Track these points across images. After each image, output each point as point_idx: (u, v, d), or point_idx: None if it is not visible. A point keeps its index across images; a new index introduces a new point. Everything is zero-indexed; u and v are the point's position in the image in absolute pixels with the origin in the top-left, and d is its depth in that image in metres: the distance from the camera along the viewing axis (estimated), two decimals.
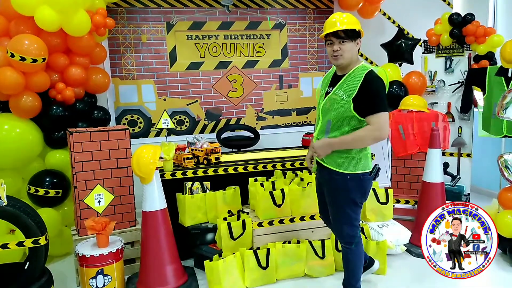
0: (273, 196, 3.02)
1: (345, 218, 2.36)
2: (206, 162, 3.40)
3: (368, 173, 2.32)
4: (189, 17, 4.31)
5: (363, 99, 2.14)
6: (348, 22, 2.17)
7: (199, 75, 4.42)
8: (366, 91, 2.14)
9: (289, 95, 4.79)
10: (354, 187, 2.28)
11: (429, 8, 4.95)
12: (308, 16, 4.73)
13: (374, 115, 2.14)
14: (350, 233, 2.39)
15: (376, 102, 2.14)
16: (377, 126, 2.13)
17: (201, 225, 3.16)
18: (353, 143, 2.20)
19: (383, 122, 2.13)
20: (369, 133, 2.15)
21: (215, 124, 4.54)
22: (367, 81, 2.14)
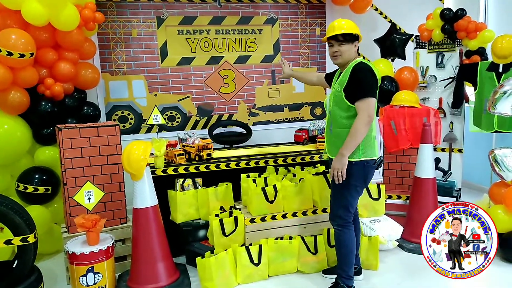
0: (265, 192, 3.01)
1: (344, 202, 2.54)
2: (198, 159, 3.38)
3: (373, 161, 2.51)
4: (180, 11, 4.26)
5: (351, 87, 2.41)
6: (347, 27, 2.49)
7: (190, 71, 4.38)
8: (354, 79, 2.40)
9: (281, 91, 4.77)
10: (357, 173, 2.46)
11: (421, 3, 4.95)
12: (300, 11, 4.70)
13: (360, 101, 2.36)
14: (344, 216, 2.56)
15: (361, 88, 2.37)
16: (365, 113, 2.35)
17: (192, 221, 3.14)
18: (354, 139, 2.37)
19: (367, 107, 2.35)
20: (360, 121, 2.35)
21: (207, 120, 4.50)
22: (354, 70, 2.43)
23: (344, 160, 2.40)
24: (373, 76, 2.41)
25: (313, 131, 4.08)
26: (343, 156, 2.40)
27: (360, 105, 2.36)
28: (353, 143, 2.37)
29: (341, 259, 2.62)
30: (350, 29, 2.49)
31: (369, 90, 2.37)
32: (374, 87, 2.40)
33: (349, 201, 2.55)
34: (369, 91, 2.37)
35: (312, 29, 4.77)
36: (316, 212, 3.14)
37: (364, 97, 2.35)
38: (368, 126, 2.36)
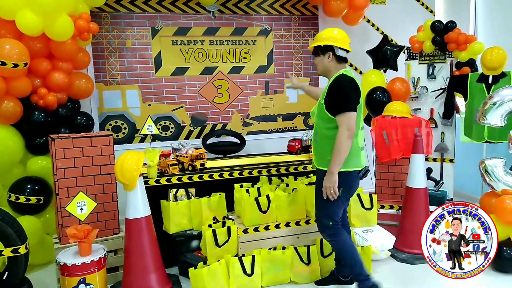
0: (258, 202, 3.01)
1: (329, 212, 2.59)
2: (191, 168, 3.38)
3: (357, 171, 2.53)
4: (174, 22, 4.29)
5: (330, 100, 2.46)
6: (315, 39, 2.59)
7: (184, 81, 4.40)
8: (332, 92, 2.46)
9: (274, 101, 4.80)
10: (340, 183, 2.46)
11: (412, 16, 5.04)
12: (293, 22, 4.75)
13: (340, 115, 2.41)
14: (331, 225, 2.61)
15: (340, 102, 2.42)
16: (345, 126, 2.38)
17: (185, 232, 3.13)
18: (339, 154, 2.40)
19: (347, 120, 2.38)
20: (341, 136, 2.39)
21: (201, 129, 4.52)
22: (333, 83, 2.48)
23: (333, 177, 2.43)
24: (353, 89, 2.44)
25: (306, 141, 4.10)
26: (332, 174, 2.43)
27: (339, 119, 2.40)
28: (339, 159, 2.40)
29: (349, 264, 2.65)
30: (317, 41, 2.55)
31: (347, 105, 2.40)
32: (353, 101, 2.43)
33: (334, 211, 2.59)
34: (347, 105, 2.39)
35: (305, 40, 4.82)
36: (309, 222, 3.15)
37: (343, 111, 2.39)
38: (350, 139, 2.39)
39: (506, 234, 3.04)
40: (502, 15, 4.54)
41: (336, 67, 2.55)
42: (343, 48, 2.52)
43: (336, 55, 2.53)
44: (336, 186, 2.44)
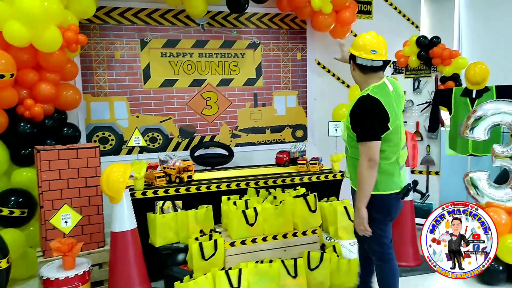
0: (245, 215, 3.00)
1: (375, 236, 2.37)
2: (178, 181, 3.37)
3: (394, 194, 2.34)
4: (163, 34, 4.31)
5: (352, 125, 2.27)
6: None
7: (173, 92, 4.40)
8: (353, 118, 2.27)
9: (263, 113, 4.82)
10: (378, 206, 2.32)
11: (398, 30, 5.14)
12: (282, 36, 4.81)
13: (360, 144, 2.23)
14: (380, 250, 2.43)
15: (360, 132, 2.23)
16: (365, 157, 2.21)
17: (172, 245, 3.10)
18: (363, 188, 2.25)
19: (367, 151, 2.19)
20: (362, 168, 2.22)
21: (189, 141, 4.51)
22: (354, 108, 2.28)
23: (361, 213, 2.27)
24: (374, 114, 2.18)
25: (294, 153, 4.12)
26: (359, 210, 2.28)
27: (360, 148, 2.23)
28: (363, 194, 2.24)
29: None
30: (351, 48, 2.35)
31: (367, 134, 2.19)
32: (374, 129, 2.19)
33: (379, 235, 2.38)
34: (367, 134, 2.19)
35: (293, 53, 4.88)
36: (296, 234, 3.15)
37: (362, 141, 2.21)
38: (371, 169, 2.20)
39: None
40: (485, 32, 4.66)
41: (364, 78, 2.31)
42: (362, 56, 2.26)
43: (357, 64, 2.29)
44: (365, 223, 2.28)
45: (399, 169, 2.35)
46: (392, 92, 2.30)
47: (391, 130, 2.22)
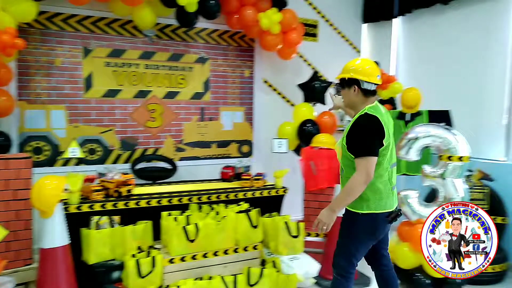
0: (186, 231, 2.96)
1: (346, 252, 2.41)
2: (117, 195, 3.25)
3: (385, 214, 2.35)
4: (109, 44, 4.20)
5: (351, 142, 2.31)
6: (342, 71, 2.42)
7: (115, 103, 4.28)
8: (352, 134, 2.30)
9: (209, 128, 4.82)
10: (364, 225, 2.33)
11: (341, 54, 5.40)
12: (230, 53, 4.87)
13: (358, 159, 2.26)
14: (345, 267, 2.43)
15: (359, 146, 2.27)
16: (363, 172, 2.23)
17: (106, 262, 2.96)
18: (347, 196, 2.26)
19: (365, 166, 2.22)
20: (356, 180, 2.24)
21: (130, 154, 4.39)
22: (354, 124, 2.32)
23: (333, 216, 2.29)
24: (374, 131, 2.26)
25: (239, 168, 4.14)
26: (333, 211, 2.29)
27: (358, 162, 2.25)
28: (345, 201, 2.27)
29: None
30: (343, 72, 2.39)
31: (366, 149, 2.23)
32: (373, 144, 2.24)
33: (352, 253, 2.39)
34: (366, 150, 2.23)
35: (241, 70, 4.95)
36: (237, 250, 3.15)
37: (362, 156, 2.23)
38: (365, 185, 2.23)
39: (418, 262, 3.26)
40: (418, 59, 5.02)
41: (363, 101, 2.37)
42: (370, 81, 2.34)
43: (362, 89, 2.35)
44: (330, 226, 2.30)
45: (392, 189, 2.40)
46: (384, 113, 2.42)
47: (385, 147, 2.30)
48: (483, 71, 4.18)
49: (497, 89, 4.05)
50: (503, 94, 3.99)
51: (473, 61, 4.27)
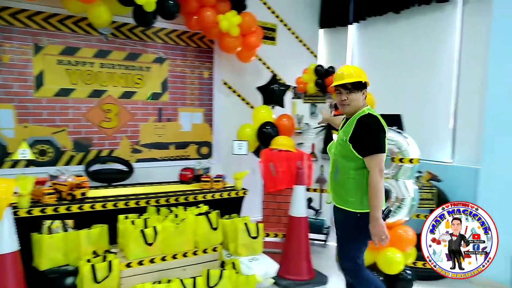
0: (144, 234, 2.91)
1: (350, 254, 2.46)
2: (70, 198, 3.13)
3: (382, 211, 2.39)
4: (62, 41, 4.03)
5: (358, 140, 2.35)
6: (356, 75, 2.43)
7: (68, 103, 4.12)
8: (361, 132, 2.35)
9: (167, 129, 4.75)
10: (363, 224, 2.36)
11: (299, 58, 5.52)
12: (189, 53, 4.83)
13: (370, 157, 2.32)
14: (352, 268, 2.49)
15: (370, 144, 2.33)
16: (376, 169, 2.30)
17: (59, 268, 2.84)
18: (377, 197, 2.29)
19: (378, 162, 2.30)
20: (374, 178, 2.30)
21: (84, 155, 4.23)
22: (361, 123, 2.37)
23: (380, 222, 2.29)
24: (380, 129, 2.36)
25: (199, 170, 4.12)
26: (377, 219, 2.29)
27: (370, 161, 2.31)
28: (378, 201, 2.30)
29: None
30: (359, 76, 2.43)
31: (377, 146, 2.32)
32: (382, 141, 2.35)
33: (355, 254, 2.47)
34: (377, 147, 2.32)
35: (200, 71, 4.92)
36: (196, 253, 3.13)
37: (374, 153, 2.31)
38: (382, 179, 2.31)
39: (373, 259, 3.40)
40: (372, 65, 5.23)
41: (364, 104, 2.48)
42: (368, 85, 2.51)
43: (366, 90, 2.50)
44: (385, 230, 2.30)
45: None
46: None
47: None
48: (431, 77, 4.44)
49: (444, 94, 4.31)
50: (449, 99, 4.25)
51: (422, 67, 4.52)
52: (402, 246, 3.27)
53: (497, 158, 3.55)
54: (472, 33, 4.06)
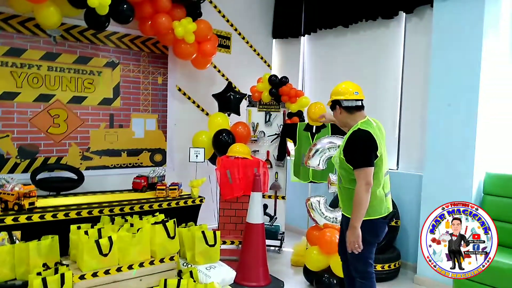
0: (99, 244, 2.80)
1: (360, 256, 2.55)
2: (17, 208, 2.95)
3: (382, 218, 2.55)
4: (5, 41, 3.80)
5: (349, 155, 2.52)
6: (331, 94, 2.71)
7: (13, 107, 3.88)
8: (349, 148, 2.52)
9: (119, 135, 4.62)
10: (366, 230, 2.49)
11: (253, 67, 5.62)
12: (142, 58, 4.75)
13: (357, 170, 2.46)
14: (363, 269, 2.61)
15: (356, 159, 2.47)
16: (363, 182, 2.43)
17: (6, 283, 2.66)
18: (359, 209, 2.45)
19: (364, 176, 2.43)
20: (359, 191, 2.44)
21: (30, 162, 4.00)
22: (349, 139, 2.55)
23: (357, 231, 2.45)
24: (367, 144, 2.48)
25: (153, 178, 4.05)
26: (355, 228, 2.45)
27: (357, 174, 2.46)
28: (360, 213, 2.44)
29: None
30: (332, 96, 2.70)
31: (363, 161, 2.45)
32: (368, 156, 2.46)
33: (365, 255, 2.57)
34: (363, 161, 2.45)
35: (154, 77, 4.85)
36: (153, 262, 3.07)
37: (360, 167, 2.44)
38: (367, 193, 2.44)
39: (327, 263, 3.54)
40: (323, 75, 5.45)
41: (351, 117, 2.62)
42: (347, 98, 2.61)
43: (344, 107, 2.63)
44: (360, 240, 2.46)
45: (385, 196, 2.62)
46: (375, 126, 2.61)
47: (379, 158, 2.52)
48: (378, 88, 4.71)
49: (390, 105, 4.59)
50: (396, 108, 4.54)
51: (370, 78, 4.79)
52: None
53: (438, 165, 3.85)
54: (414, 48, 4.38)
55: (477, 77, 3.57)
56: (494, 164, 3.76)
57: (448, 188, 3.72)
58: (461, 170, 3.67)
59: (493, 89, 3.69)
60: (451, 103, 3.76)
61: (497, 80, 3.72)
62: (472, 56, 3.61)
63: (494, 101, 3.73)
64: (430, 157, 3.92)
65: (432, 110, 3.92)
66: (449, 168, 3.76)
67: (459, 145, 3.69)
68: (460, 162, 3.68)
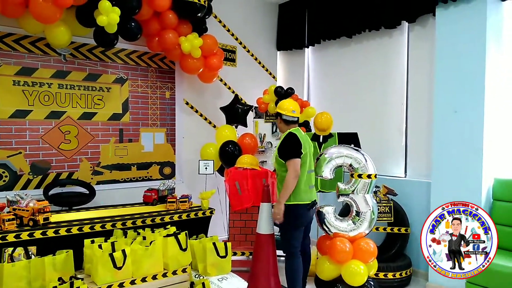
0: (113, 258, 2.84)
1: (287, 236, 3.35)
2: (32, 224, 3.00)
3: (304, 205, 3.28)
4: (17, 61, 3.90)
5: (281, 151, 3.26)
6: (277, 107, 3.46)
7: (25, 124, 3.96)
8: (281, 145, 3.28)
9: (129, 149, 4.68)
10: (290, 213, 3.26)
11: (259, 79, 5.70)
12: (150, 74, 4.84)
13: (287, 162, 3.20)
14: (289, 248, 3.34)
15: (287, 152, 3.22)
16: (292, 169, 3.18)
17: None
18: (286, 190, 3.20)
19: (293, 165, 3.19)
20: (289, 177, 3.18)
21: (42, 178, 4.06)
22: (282, 141, 3.31)
23: (280, 206, 3.23)
24: (294, 142, 3.22)
25: (163, 191, 4.09)
26: (279, 203, 3.24)
27: (288, 164, 3.19)
28: (286, 193, 3.19)
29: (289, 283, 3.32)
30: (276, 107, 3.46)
31: (291, 154, 3.19)
32: (295, 150, 3.19)
33: (290, 235, 3.31)
34: (291, 154, 3.19)
35: (162, 92, 4.93)
36: (166, 275, 3.10)
37: (290, 158, 3.18)
38: (295, 179, 3.18)
39: (338, 272, 3.53)
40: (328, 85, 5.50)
41: (287, 127, 3.39)
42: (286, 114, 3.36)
43: (283, 119, 3.38)
44: (282, 214, 3.22)
45: (309, 188, 3.35)
46: (304, 135, 3.41)
47: (303, 155, 3.26)
48: (384, 97, 4.75)
49: (396, 113, 4.63)
50: (402, 117, 4.57)
51: (375, 87, 4.84)
52: (364, 258, 3.43)
53: (446, 171, 3.86)
54: (418, 57, 4.43)
55: (482, 83, 3.61)
56: (503, 170, 3.77)
57: (457, 194, 3.72)
58: (470, 176, 3.68)
59: (498, 94, 3.72)
60: (457, 110, 3.79)
61: (502, 86, 3.75)
62: (476, 62, 3.65)
63: (500, 107, 3.75)
64: (438, 164, 3.93)
65: (438, 117, 3.95)
66: (457, 174, 3.77)
67: (467, 151, 3.71)
68: (469, 168, 3.70)
